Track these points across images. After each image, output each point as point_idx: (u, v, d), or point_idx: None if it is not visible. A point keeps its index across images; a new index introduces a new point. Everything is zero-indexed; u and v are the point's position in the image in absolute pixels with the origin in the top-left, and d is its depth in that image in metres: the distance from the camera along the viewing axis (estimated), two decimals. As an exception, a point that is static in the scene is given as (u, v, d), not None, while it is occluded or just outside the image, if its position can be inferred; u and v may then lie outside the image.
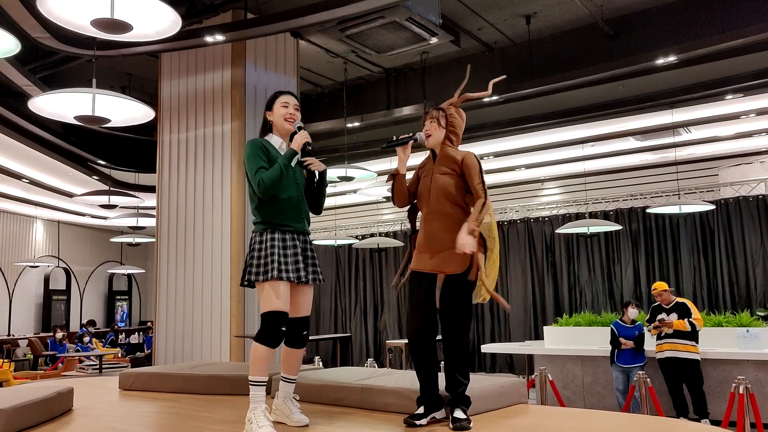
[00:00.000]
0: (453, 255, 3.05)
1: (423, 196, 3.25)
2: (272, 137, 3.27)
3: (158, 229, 7.21)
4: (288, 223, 3.11)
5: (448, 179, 3.17)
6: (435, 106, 3.38)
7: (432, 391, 3.11)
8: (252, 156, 3.12)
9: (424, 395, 3.11)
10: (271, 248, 3.03)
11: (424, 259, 3.15)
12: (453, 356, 3.07)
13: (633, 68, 7.40)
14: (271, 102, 3.30)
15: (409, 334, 3.14)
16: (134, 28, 4.25)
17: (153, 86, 8.40)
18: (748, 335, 7.15)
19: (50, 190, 12.50)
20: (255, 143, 3.17)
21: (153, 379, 4.47)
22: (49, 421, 3.36)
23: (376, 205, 14.21)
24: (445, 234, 3.10)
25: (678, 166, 10.33)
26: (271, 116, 3.28)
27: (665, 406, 6.85)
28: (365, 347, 13.53)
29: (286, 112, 3.25)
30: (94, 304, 17.41)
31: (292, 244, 3.10)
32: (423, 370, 3.12)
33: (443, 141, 3.26)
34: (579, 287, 11.30)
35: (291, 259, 3.06)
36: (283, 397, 3.18)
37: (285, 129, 3.26)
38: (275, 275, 2.96)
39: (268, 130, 3.30)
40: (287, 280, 3.00)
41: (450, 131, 3.26)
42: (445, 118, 3.26)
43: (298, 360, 3.21)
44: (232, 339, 6.41)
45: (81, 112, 5.27)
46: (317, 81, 9.34)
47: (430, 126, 3.26)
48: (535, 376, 6.68)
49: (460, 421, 2.93)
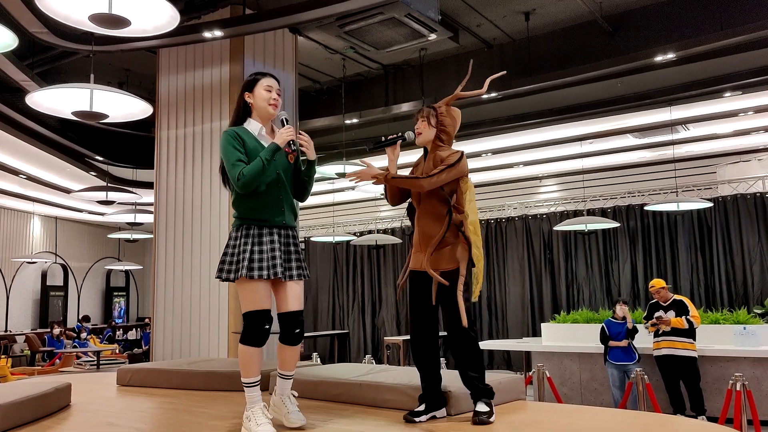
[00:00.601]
0: (446, 253, 3.07)
1: (415, 195, 3.24)
2: (250, 122, 3.09)
3: (156, 226, 7.20)
4: (266, 217, 2.96)
5: None
6: (429, 104, 3.36)
7: (433, 389, 3.11)
8: (227, 147, 2.95)
9: (425, 393, 3.12)
10: (244, 245, 2.91)
11: (420, 258, 3.14)
12: (459, 352, 3.07)
13: (631, 65, 7.40)
14: (251, 83, 3.10)
15: (411, 332, 3.17)
16: (132, 23, 4.24)
17: (151, 82, 8.37)
18: (745, 333, 7.17)
19: (47, 185, 12.48)
20: (229, 133, 2.99)
21: (151, 375, 4.47)
22: (46, 417, 3.36)
23: (374, 201, 14.20)
24: (436, 232, 3.09)
25: (676, 164, 10.34)
26: (251, 99, 3.08)
27: (662, 403, 6.86)
28: (363, 344, 13.54)
29: (270, 96, 3.07)
30: (92, 301, 17.40)
31: (269, 239, 2.94)
32: (424, 368, 3.13)
33: (434, 140, 3.24)
34: (577, 284, 11.31)
35: (267, 255, 2.91)
36: (279, 394, 3.08)
37: (267, 114, 3.08)
38: (244, 273, 2.86)
39: (246, 114, 3.11)
40: (258, 278, 2.87)
41: (440, 130, 3.22)
42: (435, 117, 3.23)
43: (293, 357, 3.07)
44: (229, 335, 6.41)
45: (79, 108, 5.26)
46: (316, 77, 9.32)
47: (421, 124, 3.25)
48: (533, 372, 6.70)
49: (479, 415, 2.94)
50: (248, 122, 3.10)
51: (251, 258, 2.89)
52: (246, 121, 3.11)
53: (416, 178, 3.10)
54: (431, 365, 3.13)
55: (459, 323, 3.02)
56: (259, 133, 3.07)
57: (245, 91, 3.10)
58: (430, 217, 3.14)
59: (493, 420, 2.95)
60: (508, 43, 8.38)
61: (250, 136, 3.04)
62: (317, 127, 9.44)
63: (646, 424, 3.05)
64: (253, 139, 3.03)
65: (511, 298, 11.77)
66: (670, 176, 10.47)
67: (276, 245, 2.95)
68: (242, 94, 3.11)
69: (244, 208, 2.99)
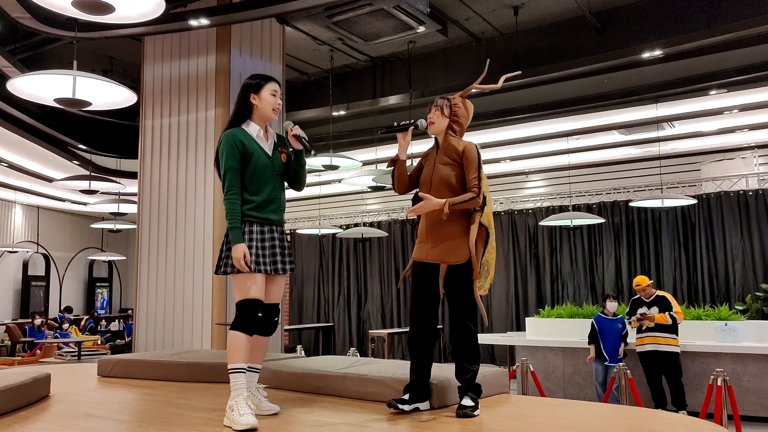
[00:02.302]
0: (455, 245, 3.07)
1: (424, 185, 3.22)
2: (249, 124, 3.18)
3: (140, 216, 7.12)
4: (267, 216, 3.11)
5: (449, 170, 3.17)
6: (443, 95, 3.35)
7: (422, 381, 3.11)
8: (227, 151, 3.06)
9: (412, 384, 3.11)
10: (249, 241, 3.03)
11: (425, 249, 3.16)
12: (460, 344, 3.10)
13: (619, 62, 7.42)
14: (259, 86, 3.18)
15: (409, 322, 3.18)
16: (116, 9, 4.18)
17: (136, 70, 8.27)
18: (727, 329, 7.24)
19: (29, 174, 12.32)
20: (230, 137, 3.09)
21: (132, 367, 4.43)
22: (25, 407, 3.31)
23: (361, 194, 14.18)
24: (446, 224, 3.09)
25: (661, 161, 10.41)
26: (257, 101, 3.17)
27: (644, 398, 6.92)
28: (348, 337, 13.54)
29: (275, 102, 3.18)
30: (74, 291, 17.23)
31: (270, 236, 3.10)
32: (417, 358, 3.13)
33: (446, 130, 3.25)
34: (561, 279, 11.38)
35: (269, 251, 3.07)
36: (248, 388, 3.05)
37: (268, 117, 3.20)
38: (252, 268, 2.99)
39: (247, 115, 3.19)
40: (264, 272, 3.04)
41: (453, 121, 3.25)
42: (449, 108, 3.25)
43: (264, 348, 3.21)
44: (213, 326, 6.36)
45: (61, 95, 5.19)
46: (303, 68, 9.26)
47: (434, 114, 3.26)
48: (517, 366, 6.72)
49: (464, 408, 2.96)
50: (247, 124, 3.18)
51: (257, 253, 3.03)
52: (245, 122, 3.19)
53: (472, 199, 3.05)
54: (426, 357, 3.13)
55: (464, 316, 3.07)
56: (258, 134, 3.17)
57: (251, 93, 3.18)
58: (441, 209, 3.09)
59: (477, 414, 2.97)
60: (496, 37, 8.37)
61: (249, 138, 3.14)
62: (304, 118, 9.39)
63: (628, 418, 3.06)
64: (252, 141, 3.13)
65: (496, 292, 11.80)
66: (655, 173, 10.54)
67: (276, 242, 3.12)
68: (247, 95, 3.18)
69: (245, 206, 3.09)
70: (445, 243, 3.11)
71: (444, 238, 3.11)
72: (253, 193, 3.09)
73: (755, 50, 7.29)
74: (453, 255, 3.08)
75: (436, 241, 3.14)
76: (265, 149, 3.17)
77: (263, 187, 3.10)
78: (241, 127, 3.17)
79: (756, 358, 7.03)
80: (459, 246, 3.08)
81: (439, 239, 3.13)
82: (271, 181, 3.13)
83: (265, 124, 3.22)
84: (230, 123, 3.20)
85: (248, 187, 3.10)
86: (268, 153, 3.17)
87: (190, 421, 3.01)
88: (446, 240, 3.11)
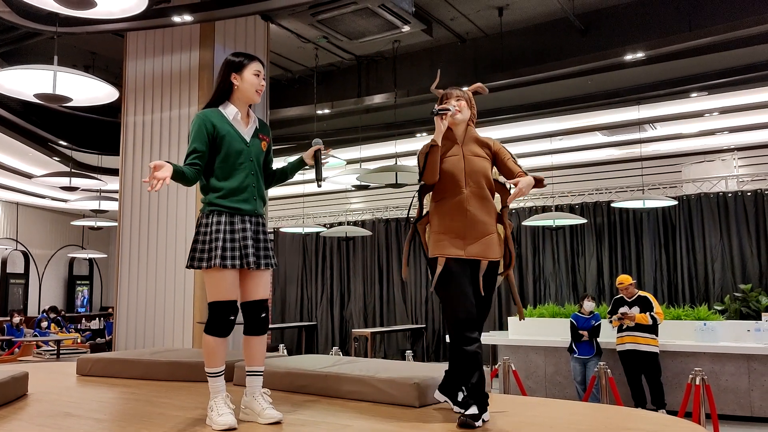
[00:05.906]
0: (493, 241, 3.01)
1: (456, 177, 3.00)
2: (228, 106, 2.98)
3: (121, 213, 7.05)
4: (237, 205, 2.90)
5: (486, 163, 3.07)
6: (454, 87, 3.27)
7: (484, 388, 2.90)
8: (194, 133, 2.89)
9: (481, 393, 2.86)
10: (216, 233, 2.84)
11: (460, 244, 2.96)
12: None
13: (602, 63, 7.46)
14: (242, 65, 2.97)
15: (461, 322, 2.86)
16: (98, 4, 4.14)
17: (118, 66, 8.18)
18: (705, 328, 7.33)
19: (8, 170, 12.14)
20: (201, 118, 2.91)
21: (112, 365, 4.38)
22: (2, 406, 3.27)
23: (345, 193, 14.15)
24: (486, 218, 3.00)
25: (643, 162, 10.50)
26: (239, 81, 2.96)
27: (624, 397, 6.98)
28: (331, 336, 13.51)
29: (258, 82, 2.99)
30: (54, 289, 17.01)
31: (241, 227, 2.88)
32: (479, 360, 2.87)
33: (468, 121, 3.19)
34: (543, 279, 11.45)
35: (239, 244, 2.86)
36: (251, 393, 2.94)
37: (250, 99, 3.00)
38: (217, 263, 2.79)
39: (227, 95, 3.00)
40: (231, 267, 2.82)
41: (473, 113, 3.22)
42: (469, 101, 3.20)
43: (261, 349, 2.98)
44: (194, 325, 6.32)
45: (41, 90, 5.13)
46: (287, 66, 9.22)
47: (458, 103, 3.12)
48: (499, 365, 6.75)
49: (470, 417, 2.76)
50: (225, 105, 2.99)
51: (224, 246, 2.83)
52: (223, 104, 3.00)
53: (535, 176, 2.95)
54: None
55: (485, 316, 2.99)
56: (234, 117, 2.98)
57: (232, 72, 2.97)
58: (480, 202, 3.01)
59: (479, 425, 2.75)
60: (481, 37, 8.40)
61: (223, 120, 2.94)
62: (288, 116, 9.35)
63: (608, 417, 3.09)
64: (226, 124, 2.94)
65: (479, 292, 11.83)
66: (637, 174, 10.64)
67: (248, 233, 2.90)
68: (228, 74, 2.98)
69: (214, 194, 2.91)
70: (485, 238, 2.99)
71: (484, 233, 2.99)
72: (223, 178, 2.90)
73: (735, 54, 7.38)
74: (492, 251, 3.00)
75: (475, 237, 2.97)
76: (242, 133, 2.97)
77: (234, 173, 2.90)
78: (218, 109, 2.98)
79: (734, 357, 7.13)
80: (496, 242, 3.02)
81: (479, 234, 2.98)
82: (244, 168, 2.92)
83: (247, 106, 3.04)
84: (208, 103, 3.02)
85: (217, 173, 2.91)
86: (245, 138, 2.97)
87: (170, 420, 2.99)
88: (486, 235, 2.99)
